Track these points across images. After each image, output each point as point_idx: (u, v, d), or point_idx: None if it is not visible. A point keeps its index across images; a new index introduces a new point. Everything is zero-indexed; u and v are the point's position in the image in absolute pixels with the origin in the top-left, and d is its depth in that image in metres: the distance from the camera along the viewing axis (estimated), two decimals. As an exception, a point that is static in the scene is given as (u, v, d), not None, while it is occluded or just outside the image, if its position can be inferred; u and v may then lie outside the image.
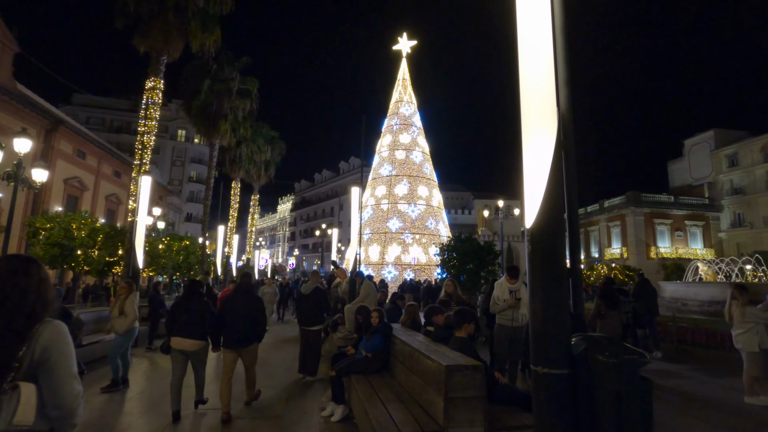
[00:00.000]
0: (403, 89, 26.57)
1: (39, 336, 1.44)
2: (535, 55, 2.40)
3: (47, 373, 1.43)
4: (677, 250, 42.03)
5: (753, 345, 5.81)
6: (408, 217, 23.57)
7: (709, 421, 5.08)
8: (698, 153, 47.60)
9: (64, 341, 1.49)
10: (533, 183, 2.29)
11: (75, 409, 1.46)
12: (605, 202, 46.74)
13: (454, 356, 3.58)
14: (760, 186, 41.07)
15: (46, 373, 1.42)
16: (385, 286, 12.94)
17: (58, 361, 1.45)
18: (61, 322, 1.53)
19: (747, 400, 5.77)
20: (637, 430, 1.93)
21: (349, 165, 65.56)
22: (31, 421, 1.34)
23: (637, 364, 1.99)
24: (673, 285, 18.32)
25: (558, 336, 2.10)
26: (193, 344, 4.98)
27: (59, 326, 1.51)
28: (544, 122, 2.33)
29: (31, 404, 1.35)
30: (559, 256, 2.19)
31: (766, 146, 41.02)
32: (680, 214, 43.39)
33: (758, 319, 5.86)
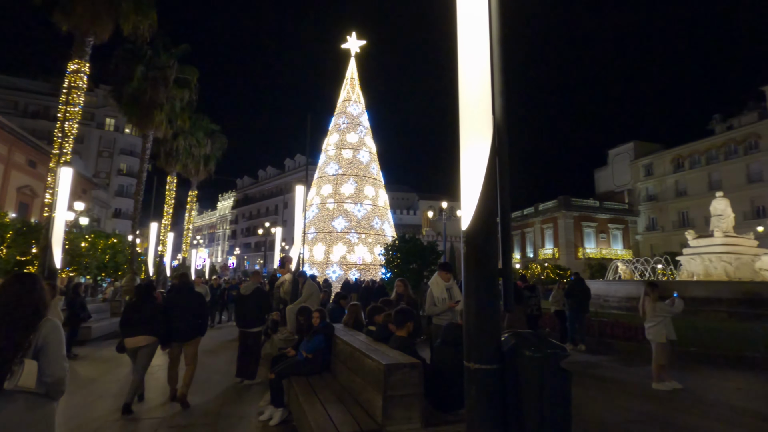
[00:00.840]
0: (351, 88, 26.52)
1: (42, 328, 2.11)
2: (473, 64, 2.51)
3: (46, 354, 2.06)
4: (601, 250, 45.77)
5: (661, 336, 6.49)
6: (354, 216, 23.57)
7: (622, 406, 5.59)
8: (620, 162, 52.17)
9: (59, 333, 2.16)
10: (469, 186, 2.38)
11: (63, 379, 2.10)
12: (540, 205, 49.77)
13: (394, 355, 3.63)
14: (670, 194, 45.89)
15: (45, 354, 2.06)
16: (328, 285, 12.83)
17: (54, 347, 2.10)
18: (56, 320, 2.21)
19: (655, 386, 6.42)
20: (556, 417, 2.09)
21: (294, 162, 64.27)
22: (32, 386, 1.97)
23: (559, 358, 2.14)
24: (596, 283, 19.92)
25: (490, 333, 2.21)
26: (146, 339, 5.37)
27: (55, 322, 2.18)
28: (481, 129, 2.44)
29: (32, 374, 1.96)
30: (492, 256, 2.30)
31: (675, 158, 45.92)
32: (604, 217, 47.31)
33: (666, 313, 6.56)
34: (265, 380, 6.25)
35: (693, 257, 18.00)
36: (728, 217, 18.21)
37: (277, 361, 5.26)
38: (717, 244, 17.41)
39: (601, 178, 55.11)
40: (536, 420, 2.09)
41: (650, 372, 6.66)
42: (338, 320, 6.28)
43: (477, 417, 2.16)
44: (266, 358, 7.18)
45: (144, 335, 5.33)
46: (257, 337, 6.82)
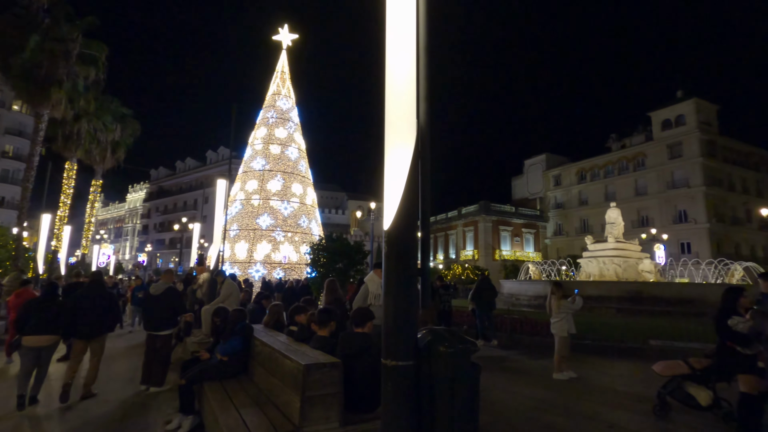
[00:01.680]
0: (281, 82, 25.74)
1: None
2: (400, 69, 2.57)
3: None
4: (515, 253, 49.43)
5: (563, 330, 7.21)
6: (280, 214, 22.90)
7: (527, 394, 6.08)
8: (534, 172, 56.82)
9: None
10: (392, 188, 2.44)
11: None
12: (462, 209, 52.41)
13: (314, 355, 3.59)
14: (574, 202, 51.00)
15: None
16: (249, 285, 12.32)
17: None
18: None
19: (555, 376, 7.09)
20: (465, 408, 2.22)
21: (217, 155, 60.76)
22: None
23: (469, 352, 2.28)
24: (510, 283, 21.48)
25: (407, 330, 2.28)
26: (48, 339, 5.32)
27: None
28: (405, 132, 2.50)
29: None
30: (411, 256, 2.38)
31: (579, 171, 51.16)
32: (519, 222, 51.17)
33: (568, 310, 7.30)
34: (174, 387, 5.82)
35: (590, 260, 20.17)
36: (619, 225, 20.71)
37: (188, 366, 4.92)
38: (609, 248, 19.69)
39: (517, 185, 59.53)
40: (447, 411, 2.20)
41: (551, 364, 7.34)
42: (259, 321, 6.06)
43: (392, 412, 2.21)
44: (177, 363, 6.69)
45: (48, 335, 5.32)
46: (167, 341, 6.33)
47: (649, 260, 19.71)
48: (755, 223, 40.77)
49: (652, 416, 5.13)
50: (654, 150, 43.52)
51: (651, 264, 19.32)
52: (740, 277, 19.04)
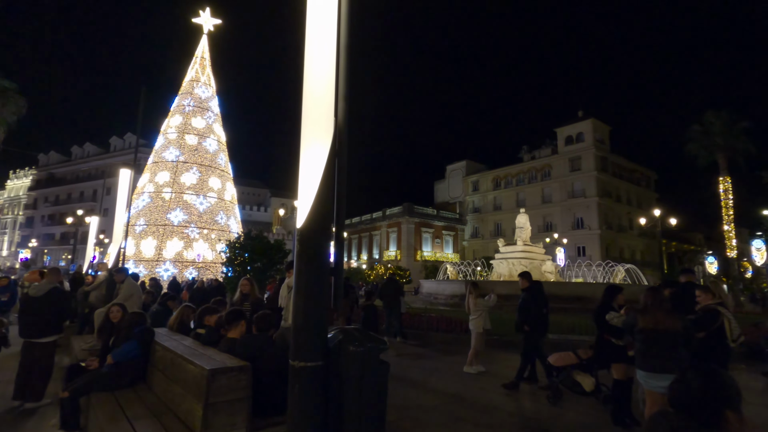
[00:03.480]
0: (200, 68, 24.09)
1: None
2: (319, 67, 2.54)
3: None
4: (436, 254, 51.54)
5: (479, 327, 7.70)
6: (195, 209, 21.41)
7: (438, 389, 6.36)
8: (455, 177, 59.78)
9: None
10: (307, 186, 2.39)
11: None
12: (387, 210, 53.40)
13: (221, 359, 3.39)
14: (489, 207, 54.59)
15: None
16: (156, 285, 11.33)
17: None
18: None
19: (465, 369, 7.53)
20: (373, 406, 2.24)
21: (123, 142, 55.10)
22: None
23: (378, 351, 2.31)
24: (429, 282, 22.33)
25: (317, 330, 2.25)
26: None
27: None
28: (322, 130, 2.47)
29: None
30: (324, 255, 2.35)
31: (495, 178, 54.90)
32: (440, 224, 53.45)
33: (484, 307, 7.80)
34: (55, 400, 5.14)
35: (501, 261, 21.71)
36: (527, 229, 22.57)
37: (73, 375, 4.37)
38: (518, 251, 21.37)
39: (439, 189, 62.16)
40: (356, 409, 2.21)
41: (463, 359, 7.75)
42: (164, 324, 5.58)
43: (298, 413, 2.17)
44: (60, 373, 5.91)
45: None
46: (48, 349, 5.56)
47: (551, 262, 21.75)
48: (636, 231, 46.97)
49: (547, 403, 5.65)
50: (558, 162, 48.19)
51: (552, 265, 21.33)
52: (622, 277, 21.82)
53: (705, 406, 1.39)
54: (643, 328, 3.84)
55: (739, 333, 4.28)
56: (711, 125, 33.29)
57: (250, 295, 6.99)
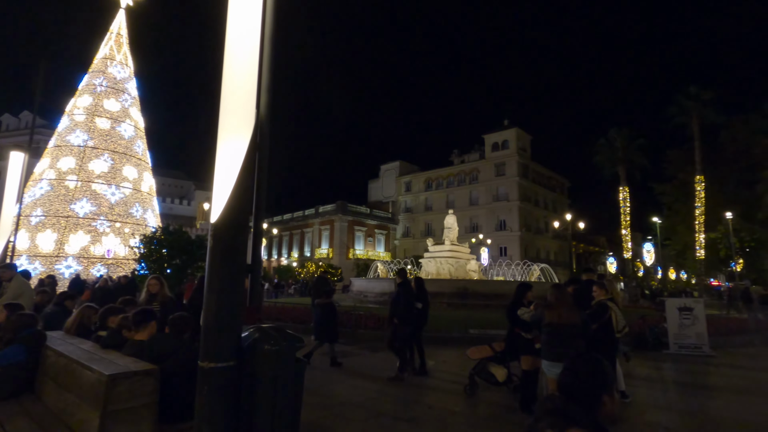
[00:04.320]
0: (116, 45, 21.93)
1: None
2: (241, 56, 2.44)
3: None
4: (368, 252, 51.97)
5: None
6: (106, 200, 19.47)
7: (364, 386, 6.42)
8: (389, 177, 60.71)
9: None
10: (224, 179, 2.29)
11: None
12: (320, 207, 52.78)
13: (124, 363, 3.13)
14: (421, 208, 56.23)
15: None
16: (53, 283, 10.12)
17: None
18: None
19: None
20: (287, 406, 2.21)
21: (18, 121, 48.46)
22: None
23: (295, 349, 2.28)
24: (359, 281, 22.46)
25: (230, 329, 2.16)
26: None
27: None
28: (242, 122, 2.38)
29: None
30: (241, 252, 2.27)
31: (427, 180, 56.66)
32: (372, 223, 53.98)
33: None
34: None
35: (430, 260, 22.48)
36: (455, 230, 23.60)
37: (-61, 389, 3.76)
38: (446, 250, 22.28)
39: (373, 188, 62.74)
40: (269, 411, 2.16)
41: (391, 356, 7.90)
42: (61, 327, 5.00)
43: (207, 416, 2.07)
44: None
45: None
46: None
47: (475, 261, 22.97)
48: (550, 233, 51.20)
49: (464, 395, 5.96)
50: (485, 167, 51.00)
51: (476, 264, 22.54)
52: (537, 275, 23.69)
53: (587, 391, 1.56)
54: (548, 322, 4.21)
55: (624, 324, 4.87)
56: (614, 141, 37.35)
57: (158, 295, 6.48)
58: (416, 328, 7.36)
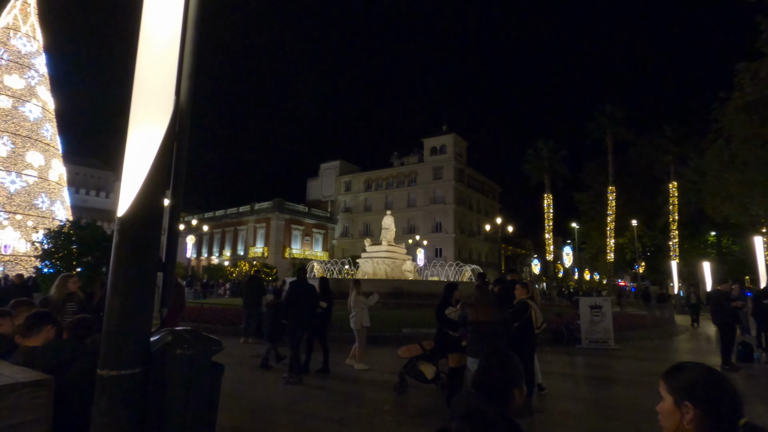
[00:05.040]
0: (22, 15, 19.45)
1: None
2: (161, 37, 2.25)
3: None
4: (305, 251, 51.03)
5: (358, 324, 7.87)
6: (3, 189, 17.19)
7: (294, 388, 6.26)
8: (328, 176, 60.12)
9: None
10: (135, 168, 2.10)
11: None
12: (256, 205, 50.91)
13: (11, 372, 2.75)
14: (360, 208, 56.35)
15: None
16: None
17: None
18: None
19: (356, 366, 7.66)
20: (201, 413, 2.07)
21: None
22: None
23: (211, 352, 2.14)
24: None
25: (136, 333, 1.98)
26: None
27: None
28: (158, 107, 2.20)
29: None
30: (153, 248, 2.09)
31: (367, 180, 56.92)
32: (311, 222, 53.12)
33: (363, 305, 7.99)
34: None
35: (367, 260, 22.58)
36: (392, 230, 23.91)
37: None
38: (383, 251, 22.51)
39: (312, 187, 61.76)
40: (178, 420, 2.00)
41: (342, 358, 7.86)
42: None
43: (105, 430, 1.87)
44: None
45: None
46: None
47: (411, 261, 23.46)
48: (482, 236, 53.80)
49: (394, 393, 6.04)
50: (423, 170, 52.36)
51: (412, 265, 23.03)
52: (469, 276, 24.76)
53: (499, 386, 1.62)
54: (472, 321, 4.39)
55: (542, 322, 5.23)
56: (541, 151, 40.21)
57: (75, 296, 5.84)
58: (320, 327, 7.42)
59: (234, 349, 9.22)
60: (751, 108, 14.26)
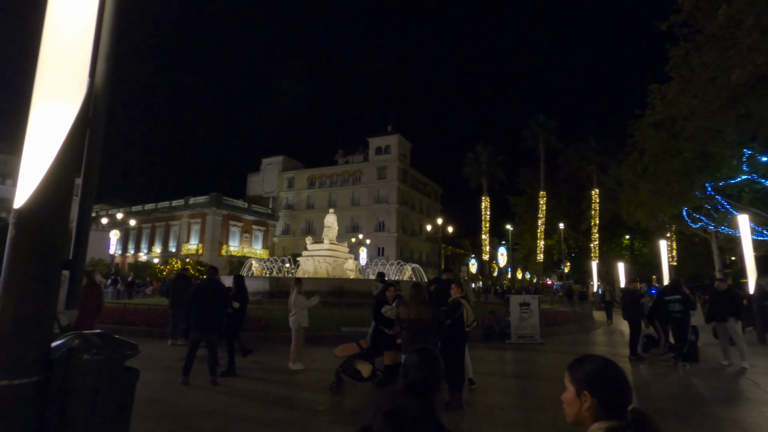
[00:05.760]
0: None
1: None
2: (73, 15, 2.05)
3: None
4: (243, 249, 49.14)
5: (296, 324, 7.67)
6: None
7: (224, 391, 6.00)
8: (271, 171, 58.38)
9: None
10: (37, 154, 1.89)
11: None
12: (191, 199, 48.16)
13: None
14: (303, 205, 55.36)
15: None
16: None
17: None
18: None
19: (291, 366, 7.43)
20: (110, 424, 1.92)
21: None
22: None
23: (123, 357, 2.00)
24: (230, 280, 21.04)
25: (32, 339, 1.79)
26: None
27: None
28: (69, 89, 2.00)
29: None
30: (54, 245, 1.90)
31: (310, 177, 56.04)
32: (250, 219, 51.25)
33: (303, 305, 7.79)
34: None
35: (308, 258, 22.24)
36: (335, 229, 23.75)
37: None
38: (324, 249, 22.29)
39: (253, 182, 59.63)
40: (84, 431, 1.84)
41: (261, 358, 7.57)
42: None
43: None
44: None
45: None
46: None
47: (353, 260, 23.46)
48: (423, 236, 55.13)
49: (329, 392, 6.00)
50: (368, 169, 52.56)
51: (353, 263, 23.04)
52: (409, 275, 25.26)
53: (423, 382, 1.67)
54: (405, 319, 4.49)
55: (473, 320, 5.47)
56: (480, 155, 42.02)
57: None
58: (231, 328, 7.18)
59: (161, 353, 8.65)
60: (660, 125, 15.95)
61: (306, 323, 8.07)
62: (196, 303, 6.41)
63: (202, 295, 6.41)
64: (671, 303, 8.52)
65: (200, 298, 6.35)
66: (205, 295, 6.42)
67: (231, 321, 7.09)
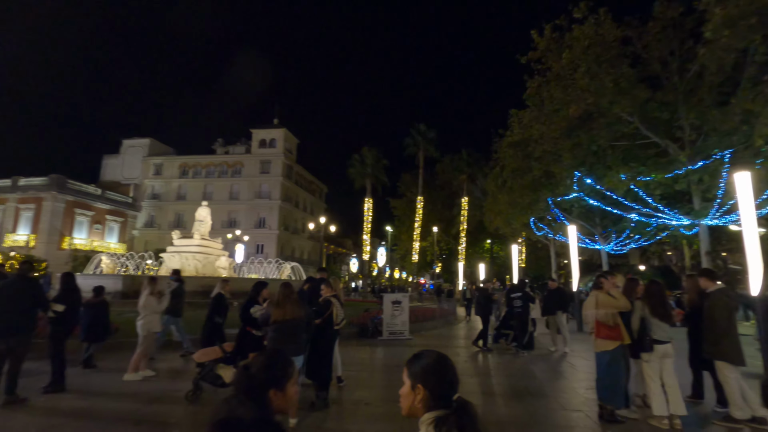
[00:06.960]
0: None
1: None
2: None
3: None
4: (93, 242, 42.18)
5: (146, 329, 6.89)
6: None
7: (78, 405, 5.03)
8: (133, 155, 51.30)
9: None
10: None
11: None
12: (21, 179, 39.64)
13: None
14: (172, 196, 49.90)
15: None
16: None
17: None
18: None
19: (126, 377, 6.49)
20: None
21: None
22: None
23: None
24: (73, 277, 17.86)
25: None
26: None
27: None
28: None
29: None
30: None
31: (182, 165, 50.81)
32: (104, 207, 44.27)
33: (154, 309, 7.04)
34: None
35: (173, 255, 20.11)
36: (207, 223, 21.91)
37: None
38: (194, 245, 20.41)
39: (109, 165, 51.75)
40: None
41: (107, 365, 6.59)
42: None
43: None
44: None
45: None
46: None
47: (226, 258, 21.93)
48: (306, 234, 54.38)
49: (183, 403, 5.46)
50: (250, 162, 49.79)
51: (227, 261, 21.55)
52: (288, 273, 24.61)
53: (258, 387, 1.54)
54: (275, 319, 4.33)
55: (342, 318, 5.55)
56: (365, 158, 43.11)
57: None
58: (55, 335, 6.03)
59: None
60: (517, 145, 18.41)
61: (158, 328, 7.30)
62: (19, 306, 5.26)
63: (7, 294, 5.28)
64: (515, 300, 9.85)
65: (2, 298, 5.22)
66: (12, 294, 5.30)
67: (56, 327, 5.98)
